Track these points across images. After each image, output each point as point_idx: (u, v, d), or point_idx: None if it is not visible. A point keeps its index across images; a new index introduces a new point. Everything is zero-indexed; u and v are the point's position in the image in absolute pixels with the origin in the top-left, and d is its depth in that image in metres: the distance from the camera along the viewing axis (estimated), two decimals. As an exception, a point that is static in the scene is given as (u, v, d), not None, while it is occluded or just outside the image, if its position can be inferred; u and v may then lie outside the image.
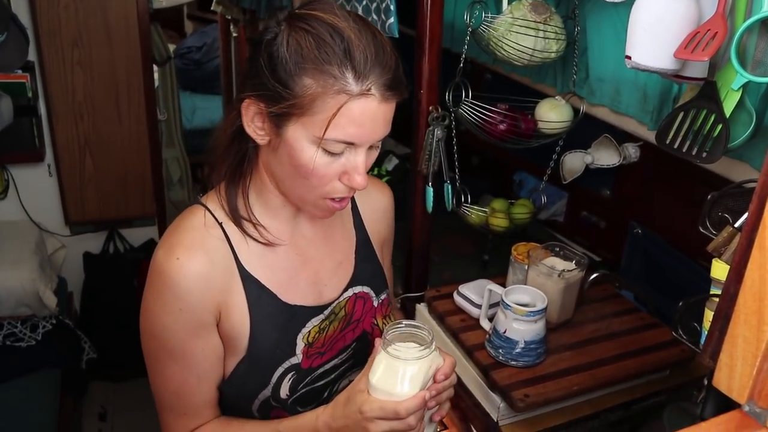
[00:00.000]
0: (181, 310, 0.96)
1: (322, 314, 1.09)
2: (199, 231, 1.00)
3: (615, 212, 1.76)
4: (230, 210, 1.03)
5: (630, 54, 1.04)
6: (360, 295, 1.15)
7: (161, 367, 1.02)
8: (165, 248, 0.97)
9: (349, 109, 0.89)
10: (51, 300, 2.44)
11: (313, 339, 1.07)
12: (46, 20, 2.58)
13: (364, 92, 0.88)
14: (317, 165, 0.93)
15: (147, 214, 3.03)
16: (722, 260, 0.86)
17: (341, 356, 1.12)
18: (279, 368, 1.04)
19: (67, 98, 2.72)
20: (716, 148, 1.01)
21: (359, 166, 0.94)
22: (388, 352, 0.93)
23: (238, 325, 1.01)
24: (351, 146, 0.93)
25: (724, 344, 0.63)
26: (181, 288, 0.95)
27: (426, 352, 0.93)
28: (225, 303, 1.00)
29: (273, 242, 1.05)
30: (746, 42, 0.96)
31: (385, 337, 0.94)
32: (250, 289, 1.02)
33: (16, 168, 2.74)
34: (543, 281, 1.33)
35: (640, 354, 1.31)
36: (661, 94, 1.39)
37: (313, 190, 0.97)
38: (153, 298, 0.98)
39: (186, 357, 1.00)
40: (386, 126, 0.95)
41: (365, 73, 0.88)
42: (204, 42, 4.75)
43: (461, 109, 1.48)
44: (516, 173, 2.14)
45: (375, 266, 1.20)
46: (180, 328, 0.98)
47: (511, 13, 1.38)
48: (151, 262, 0.99)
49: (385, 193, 1.25)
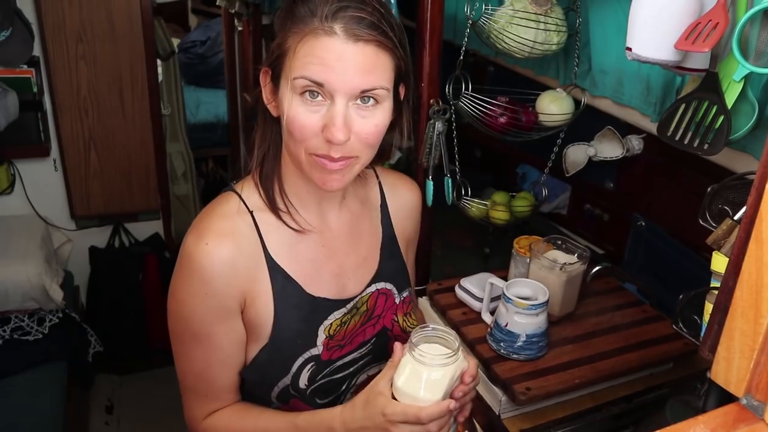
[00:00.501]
0: (207, 294, 0.98)
1: (344, 308, 1.11)
2: (229, 218, 1.02)
3: (618, 205, 1.76)
4: (266, 196, 1.04)
5: (630, 46, 1.03)
6: (382, 292, 1.16)
7: (186, 349, 1.04)
8: (195, 234, 1.00)
9: (312, 47, 0.90)
10: (57, 294, 2.45)
11: (334, 332, 1.09)
12: (50, 15, 2.59)
13: (326, 30, 0.90)
14: (296, 113, 0.93)
15: (152, 208, 3.04)
16: (722, 253, 0.85)
17: (360, 350, 1.13)
18: (300, 358, 1.06)
19: (71, 93, 2.72)
20: (718, 140, 1.00)
21: (335, 117, 0.91)
22: (414, 356, 0.93)
23: (263, 312, 1.03)
24: (327, 94, 0.92)
25: (722, 337, 0.63)
26: (208, 273, 0.97)
27: (452, 359, 0.94)
28: (251, 290, 1.02)
29: (305, 228, 1.06)
30: (748, 33, 0.95)
31: (411, 340, 0.95)
32: (275, 278, 1.04)
33: (22, 163, 2.75)
34: (545, 274, 1.33)
35: (642, 347, 1.31)
36: (664, 86, 1.38)
37: (299, 146, 0.96)
38: (181, 282, 1.01)
39: (210, 341, 1.02)
40: (365, 74, 0.92)
41: (329, 14, 0.90)
42: (208, 36, 4.74)
43: (461, 102, 1.47)
44: (519, 166, 2.13)
45: (399, 264, 1.21)
46: (205, 312, 1.00)
47: (511, 5, 1.37)
48: (181, 247, 1.01)
49: (413, 190, 1.25)
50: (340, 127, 0.91)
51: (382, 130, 0.98)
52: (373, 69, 0.92)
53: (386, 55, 0.94)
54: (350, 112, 0.93)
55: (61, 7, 2.59)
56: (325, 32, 0.90)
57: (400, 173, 1.28)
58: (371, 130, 0.96)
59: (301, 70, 0.91)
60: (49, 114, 2.73)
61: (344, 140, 0.92)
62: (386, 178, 1.22)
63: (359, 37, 0.90)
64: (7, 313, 2.41)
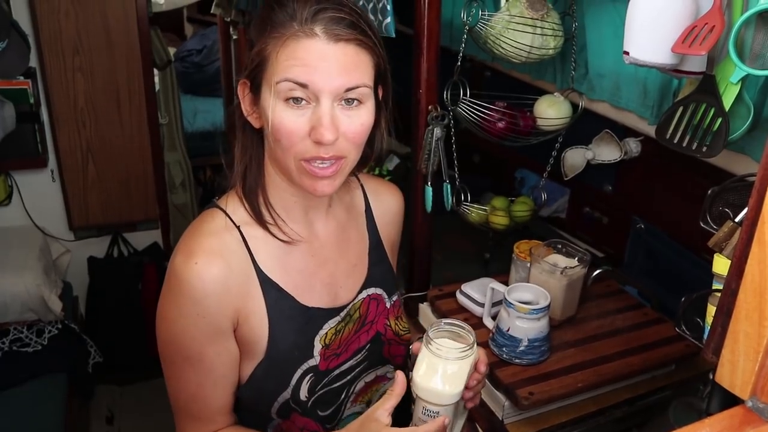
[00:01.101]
0: (198, 315, 0.97)
1: (338, 316, 1.10)
2: (217, 235, 1.00)
3: (617, 208, 1.76)
4: (252, 210, 1.03)
5: (628, 49, 1.03)
6: (373, 297, 1.16)
7: (177, 371, 1.02)
8: (183, 253, 0.97)
9: (294, 50, 0.91)
10: (56, 305, 2.44)
11: (330, 341, 1.08)
12: (46, 27, 2.59)
13: (306, 32, 0.90)
14: (281, 119, 0.92)
15: (150, 218, 3.04)
16: (723, 255, 0.85)
17: (356, 357, 1.13)
18: (298, 370, 1.05)
19: (68, 104, 2.72)
20: (716, 142, 1.01)
21: (322, 117, 0.91)
22: (431, 350, 0.95)
23: (257, 328, 1.02)
24: (312, 96, 0.92)
25: (726, 340, 0.63)
26: (200, 293, 0.95)
27: (469, 352, 0.95)
28: (243, 307, 1.00)
29: (294, 239, 1.05)
30: (744, 35, 0.95)
31: (428, 335, 0.97)
32: (268, 292, 1.02)
33: (20, 174, 2.75)
34: (546, 278, 1.33)
35: (644, 350, 1.31)
36: (662, 89, 1.38)
37: (288, 153, 0.95)
38: (170, 303, 0.99)
39: (202, 362, 1.00)
40: (348, 72, 0.92)
41: (308, 17, 0.91)
42: (204, 45, 4.75)
43: (459, 108, 1.48)
44: (517, 170, 2.13)
45: (387, 268, 1.21)
46: (197, 333, 0.98)
47: (508, 10, 1.38)
48: (169, 267, 0.99)
49: (396, 196, 1.25)
50: (329, 126, 0.91)
51: (368, 129, 0.98)
52: (355, 67, 0.93)
53: (366, 53, 0.95)
54: (336, 113, 0.93)
55: (58, 19, 2.59)
56: (305, 34, 0.90)
57: (380, 179, 1.29)
58: (358, 130, 0.96)
59: (284, 74, 0.91)
60: (46, 125, 2.73)
61: (333, 140, 0.92)
62: (369, 184, 1.22)
63: (340, 36, 0.91)
64: (6, 325, 2.40)
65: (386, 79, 1.03)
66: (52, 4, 2.56)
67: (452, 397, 0.93)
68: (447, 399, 0.94)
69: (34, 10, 2.55)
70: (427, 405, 0.94)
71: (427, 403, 0.94)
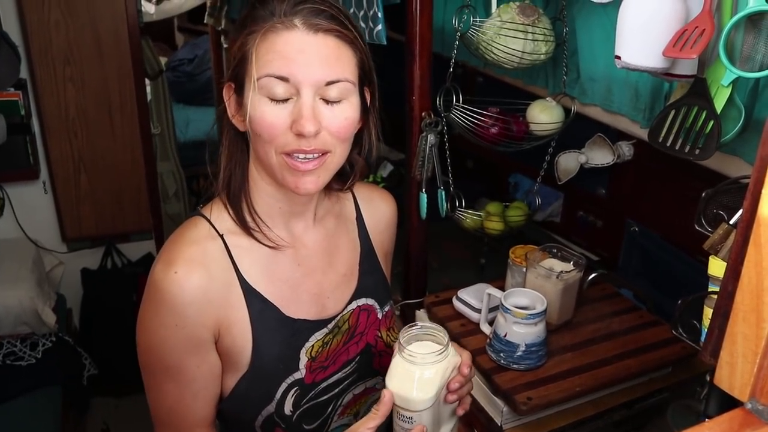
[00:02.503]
0: (177, 326, 0.94)
1: (325, 328, 1.07)
2: (198, 244, 0.98)
3: (611, 211, 1.76)
4: (236, 216, 1.01)
5: (619, 54, 1.04)
6: (364, 308, 1.13)
7: (157, 383, 1.00)
8: (163, 262, 0.95)
9: (273, 43, 0.90)
10: (50, 317, 2.43)
11: (317, 353, 1.06)
12: (37, 38, 2.58)
13: (285, 24, 0.90)
14: (262, 113, 0.91)
15: (144, 229, 3.02)
16: (719, 257, 0.86)
17: (345, 370, 1.10)
18: (283, 383, 1.02)
19: (60, 115, 2.71)
20: (709, 145, 1.01)
21: (303, 109, 0.90)
22: (403, 356, 0.93)
23: (240, 339, 0.99)
24: (293, 90, 0.91)
25: (724, 342, 0.63)
26: (179, 303, 0.93)
27: (442, 356, 0.93)
28: (225, 318, 0.98)
29: (280, 245, 1.03)
30: (734, 38, 0.96)
31: (399, 341, 0.94)
32: (252, 303, 1.00)
33: (11, 186, 2.73)
34: (542, 283, 1.33)
35: (641, 352, 1.31)
36: (653, 92, 1.39)
37: (269, 147, 0.93)
38: (150, 313, 0.96)
39: (182, 374, 0.98)
40: (328, 64, 0.91)
41: (287, 10, 0.91)
42: (195, 54, 4.75)
43: (452, 114, 1.48)
44: (511, 175, 2.14)
45: (379, 277, 1.18)
46: (176, 344, 0.96)
47: (499, 16, 1.39)
48: (149, 276, 0.97)
49: (389, 203, 1.23)
50: (309, 117, 0.90)
51: (353, 124, 0.96)
52: (335, 60, 0.92)
53: (348, 47, 0.94)
54: (318, 106, 0.92)
55: (48, 30, 2.59)
56: (284, 26, 0.90)
57: (373, 185, 1.26)
58: (342, 124, 0.94)
59: (264, 69, 0.90)
60: (37, 136, 2.72)
61: (314, 131, 0.90)
62: (360, 191, 1.19)
63: (319, 27, 0.90)
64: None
65: (372, 78, 1.02)
66: (42, 14, 2.56)
67: (424, 402, 0.91)
68: (418, 405, 0.92)
69: (24, 21, 2.54)
70: (400, 411, 0.93)
71: (401, 408, 0.92)
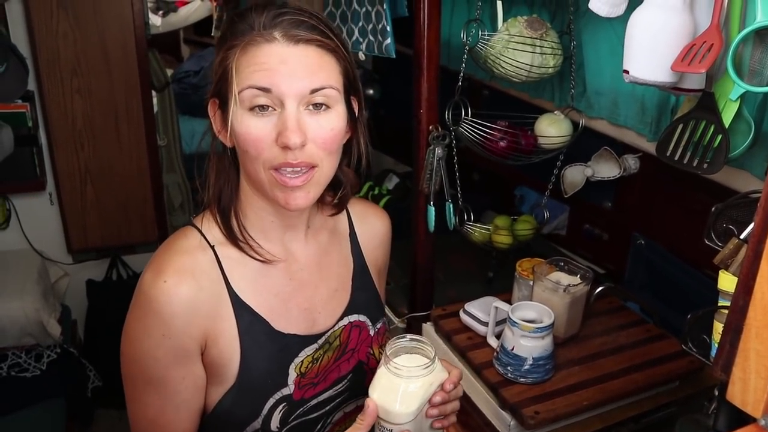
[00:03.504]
0: (164, 335, 0.93)
1: (315, 344, 1.05)
2: (189, 254, 0.97)
3: (617, 224, 1.76)
4: (225, 229, 1.00)
5: (627, 68, 1.04)
6: (355, 324, 1.11)
7: (139, 393, 0.98)
8: (153, 270, 0.94)
9: (253, 55, 0.90)
10: (55, 329, 2.43)
11: (306, 369, 1.04)
12: (44, 50, 2.60)
13: (265, 37, 0.90)
14: (247, 127, 0.90)
15: (149, 240, 3.02)
16: (729, 272, 0.85)
17: (336, 387, 1.08)
18: (270, 399, 1.00)
19: (67, 126, 2.72)
20: (717, 159, 1.01)
21: (287, 120, 0.89)
22: (389, 368, 0.92)
23: (227, 352, 0.98)
24: (276, 102, 0.90)
25: (737, 358, 0.63)
26: (167, 313, 0.92)
27: (427, 370, 0.92)
28: (213, 329, 0.97)
29: (270, 260, 1.02)
30: (742, 52, 0.97)
31: (386, 352, 0.93)
32: (241, 316, 0.98)
33: (18, 198, 2.74)
34: (549, 296, 1.33)
35: (648, 366, 1.31)
36: (659, 105, 1.39)
37: (257, 163, 0.92)
38: (136, 321, 0.95)
39: (165, 385, 0.96)
40: (311, 73, 0.90)
41: (266, 23, 0.90)
42: (201, 66, 4.77)
43: (461, 128, 1.48)
44: (517, 188, 2.14)
45: (372, 294, 1.17)
46: (161, 354, 0.94)
47: (507, 30, 1.39)
48: (138, 284, 0.96)
49: (383, 219, 1.21)
50: (294, 129, 0.88)
51: (339, 134, 0.95)
52: (318, 69, 0.91)
53: (330, 56, 0.93)
54: (303, 117, 0.90)
55: (56, 42, 2.60)
56: (264, 39, 0.90)
57: (367, 201, 1.25)
58: (328, 135, 0.93)
59: (246, 82, 0.89)
60: (44, 148, 2.73)
61: (299, 143, 0.89)
62: (354, 207, 1.17)
63: (299, 38, 0.90)
64: (4, 350, 2.38)
65: (357, 87, 1.00)
66: (50, 26, 2.58)
67: (406, 415, 0.90)
68: (400, 418, 0.90)
69: (33, 32, 2.56)
70: (382, 422, 0.92)
71: (383, 420, 0.91)
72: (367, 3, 1.47)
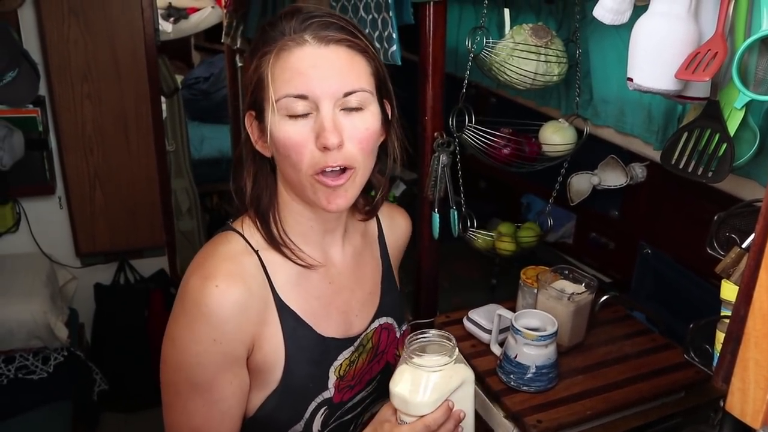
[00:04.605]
0: (215, 340, 0.93)
1: (351, 346, 1.08)
2: (236, 258, 0.97)
3: (624, 233, 1.75)
4: (267, 235, 1.01)
5: (632, 76, 1.04)
6: (385, 326, 1.14)
7: (183, 401, 0.96)
8: (201, 275, 0.94)
9: (288, 62, 0.91)
10: (62, 332, 2.44)
11: (344, 372, 1.06)
12: (56, 55, 2.62)
13: (296, 41, 0.91)
14: (285, 133, 0.91)
15: (157, 245, 3.04)
16: (731, 281, 0.85)
17: (368, 389, 1.10)
18: (312, 402, 1.02)
19: (77, 131, 2.74)
20: (722, 168, 1.01)
21: (324, 121, 0.90)
22: (407, 360, 0.93)
23: (272, 356, 0.99)
24: (312, 106, 0.91)
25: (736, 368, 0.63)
26: (219, 318, 0.92)
27: (445, 359, 0.93)
28: (260, 334, 0.98)
29: (312, 264, 1.03)
30: (747, 61, 0.96)
31: (407, 345, 0.94)
32: (286, 320, 1.00)
33: (28, 201, 2.76)
34: (553, 305, 1.32)
35: (653, 376, 1.30)
36: (666, 114, 1.39)
37: (298, 168, 0.93)
38: (184, 327, 0.94)
39: (212, 391, 0.95)
40: (343, 75, 0.92)
41: (296, 27, 0.92)
42: (211, 72, 4.80)
43: (465, 135, 1.48)
44: (523, 196, 2.13)
45: (396, 295, 1.19)
46: (211, 360, 0.94)
47: (512, 37, 1.39)
48: (183, 290, 0.95)
49: (408, 220, 1.25)
50: (332, 129, 0.90)
51: (374, 134, 0.96)
52: (349, 71, 0.93)
53: (360, 57, 0.94)
54: (338, 118, 0.92)
55: (67, 48, 2.63)
56: (296, 43, 0.91)
57: (391, 203, 1.26)
58: (364, 135, 0.94)
59: (281, 90, 0.91)
60: (54, 152, 2.75)
61: (338, 143, 0.90)
62: (382, 209, 1.18)
63: (329, 38, 0.92)
64: (12, 352, 2.40)
65: (389, 89, 1.02)
66: (61, 33, 2.60)
67: (423, 406, 0.91)
68: (416, 408, 0.91)
69: (44, 38, 2.59)
70: (401, 415, 0.93)
71: (401, 413, 0.93)
72: (374, 10, 1.47)
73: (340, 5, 1.58)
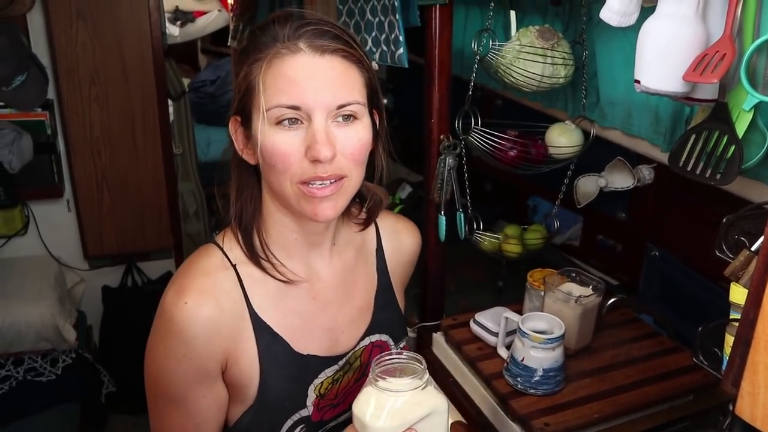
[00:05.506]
0: (185, 356, 0.92)
1: (336, 365, 1.04)
2: (210, 274, 0.95)
3: (631, 235, 1.75)
4: (247, 248, 0.98)
5: (639, 78, 1.03)
6: (377, 344, 1.09)
7: (161, 410, 0.98)
8: (174, 291, 0.93)
9: (279, 69, 0.88)
10: (70, 334, 2.45)
11: (326, 390, 1.03)
12: (64, 59, 2.64)
13: (290, 49, 0.88)
14: (274, 142, 0.88)
15: (164, 247, 3.05)
16: (740, 284, 0.84)
17: None
18: (288, 420, 1.00)
19: (84, 134, 2.76)
20: (730, 170, 1.00)
21: (317, 134, 0.87)
22: (372, 381, 0.87)
23: (247, 372, 0.97)
24: (304, 116, 0.88)
25: (745, 372, 0.62)
26: (187, 334, 0.91)
27: (414, 383, 0.86)
28: (234, 350, 0.96)
29: (293, 279, 1.00)
30: (755, 62, 0.96)
31: (374, 366, 0.89)
32: (261, 336, 0.97)
33: (36, 204, 2.78)
34: (560, 307, 1.32)
35: (661, 379, 1.29)
36: (673, 116, 1.38)
37: (285, 177, 0.90)
38: (158, 341, 0.95)
39: (186, 404, 0.96)
40: (337, 87, 0.89)
41: (290, 34, 0.89)
42: (218, 75, 4.81)
43: (471, 137, 1.48)
44: (530, 198, 2.13)
45: (395, 312, 1.14)
46: (182, 374, 0.94)
47: (518, 39, 1.39)
48: (160, 303, 0.95)
49: (414, 235, 1.18)
50: (324, 142, 0.87)
51: (366, 145, 0.94)
52: (343, 82, 0.90)
53: (355, 67, 0.92)
54: (331, 129, 0.89)
55: (75, 51, 2.64)
56: (289, 51, 0.88)
57: (399, 216, 1.21)
58: (356, 146, 0.91)
59: (274, 100, 0.88)
60: (62, 156, 2.76)
61: (330, 156, 0.87)
62: (384, 221, 1.14)
63: (325, 47, 0.88)
64: (20, 354, 2.41)
65: (379, 99, 0.99)
66: (69, 36, 2.61)
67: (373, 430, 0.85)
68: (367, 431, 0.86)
69: (53, 42, 2.60)
70: None
71: None
72: (380, 13, 1.47)
73: (346, 8, 1.58)
